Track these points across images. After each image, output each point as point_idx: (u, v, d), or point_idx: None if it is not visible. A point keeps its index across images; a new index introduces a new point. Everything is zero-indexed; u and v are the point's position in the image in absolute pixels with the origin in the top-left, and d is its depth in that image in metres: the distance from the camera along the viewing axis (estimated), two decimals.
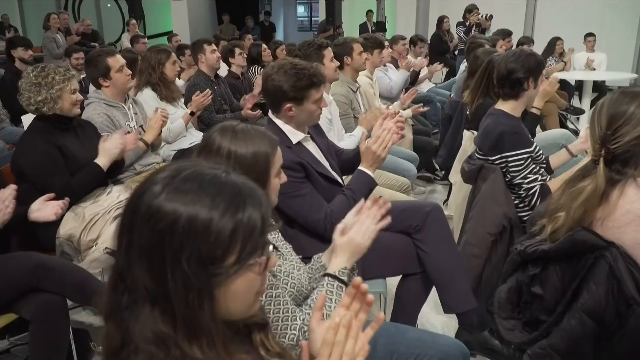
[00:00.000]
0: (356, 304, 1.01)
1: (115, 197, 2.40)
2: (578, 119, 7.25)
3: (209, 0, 11.96)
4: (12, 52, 4.76)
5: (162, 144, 3.58)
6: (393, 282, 2.35)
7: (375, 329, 0.95)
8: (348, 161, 2.33)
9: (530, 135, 2.56)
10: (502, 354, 2.03)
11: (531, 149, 2.40)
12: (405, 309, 2.30)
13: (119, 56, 2.99)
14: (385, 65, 4.92)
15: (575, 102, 7.45)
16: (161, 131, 3.16)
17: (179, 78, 5.24)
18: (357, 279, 1.01)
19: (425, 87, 6.11)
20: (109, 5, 12.44)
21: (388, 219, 1.47)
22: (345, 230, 1.42)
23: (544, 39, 7.62)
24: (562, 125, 6.33)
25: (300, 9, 17.93)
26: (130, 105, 3.04)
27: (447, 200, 4.02)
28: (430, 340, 1.61)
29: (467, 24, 7.55)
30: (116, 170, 2.66)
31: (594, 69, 7.44)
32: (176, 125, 3.54)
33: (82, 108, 2.64)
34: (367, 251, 2.11)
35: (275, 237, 1.51)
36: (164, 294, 0.76)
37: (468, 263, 2.40)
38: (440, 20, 7.98)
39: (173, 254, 0.75)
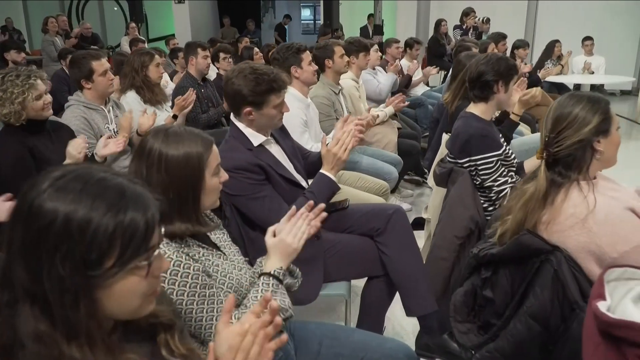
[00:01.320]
0: (267, 316, 1.02)
1: None
2: None
3: (212, 2, 12.02)
4: (5, 54, 4.83)
5: None
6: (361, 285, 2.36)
7: (278, 345, 0.96)
8: (314, 164, 2.34)
9: (502, 139, 2.55)
10: (461, 357, 2.02)
11: (499, 152, 2.40)
12: (371, 312, 2.30)
13: (104, 60, 3.01)
14: (374, 69, 4.93)
15: None
16: (137, 132, 3.18)
17: (172, 80, 5.29)
18: (267, 295, 1.02)
19: (420, 90, 6.10)
20: (115, 8, 12.56)
21: (318, 224, 1.48)
22: (276, 233, 1.43)
23: (545, 41, 7.57)
24: None
25: (306, 12, 18.00)
26: (111, 108, 3.07)
27: None
28: (376, 344, 1.61)
29: (464, 27, 7.54)
30: None
31: (593, 73, 7.39)
32: None
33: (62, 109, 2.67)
34: (329, 254, 2.14)
35: (219, 237, 1.52)
36: (42, 294, 0.77)
37: (436, 266, 2.41)
38: (438, 23, 7.97)
39: (48, 254, 0.76)
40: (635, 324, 0.88)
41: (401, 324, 2.71)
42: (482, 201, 2.45)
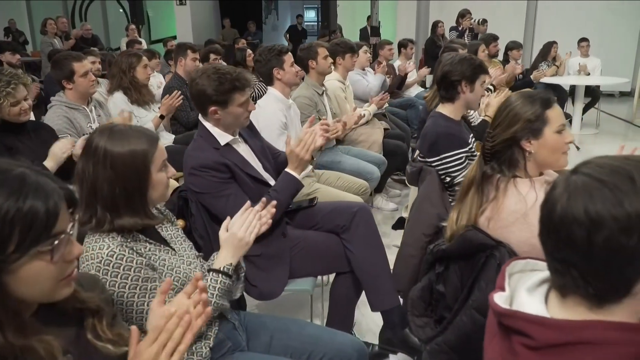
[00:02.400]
0: (196, 295, 1.08)
1: None
2: (570, 122, 7.22)
3: (214, 3, 12.11)
4: None
5: None
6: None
7: (204, 320, 1.02)
8: (283, 163, 2.39)
9: (473, 138, 2.60)
10: (420, 351, 2.07)
11: (466, 149, 2.44)
12: (339, 308, 2.35)
13: (86, 62, 3.09)
14: (364, 69, 4.98)
15: (568, 106, 7.42)
16: None
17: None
18: (198, 274, 1.08)
19: (414, 91, 6.14)
20: (120, 10, 12.70)
21: (269, 221, 1.53)
22: (228, 227, 1.48)
23: (544, 42, 7.57)
24: None
25: (311, 14, 18.07)
26: (93, 107, 3.14)
27: None
28: (327, 338, 1.66)
29: (460, 28, 7.56)
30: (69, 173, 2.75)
31: (589, 74, 7.39)
32: None
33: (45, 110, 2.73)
34: (295, 250, 2.19)
35: (171, 233, 1.58)
36: None
37: (405, 263, 2.45)
38: (435, 24, 8.00)
39: None
40: (518, 313, 0.92)
41: (375, 321, 2.75)
42: (450, 199, 2.49)
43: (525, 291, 0.98)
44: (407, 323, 2.21)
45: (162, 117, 3.71)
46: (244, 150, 2.21)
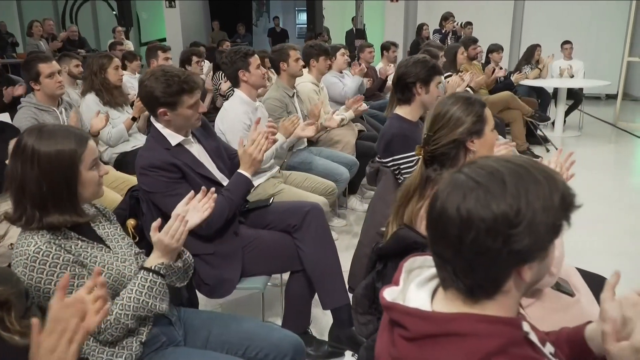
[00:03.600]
0: (98, 290, 1.11)
1: None
2: (553, 124, 7.27)
3: (204, 6, 12.15)
4: None
5: (105, 147, 3.73)
6: None
7: (97, 321, 1.06)
8: (238, 164, 2.43)
9: None
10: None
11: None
12: (294, 306, 2.39)
13: (53, 63, 3.13)
14: (341, 72, 5.02)
15: (551, 109, 7.47)
16: (98, 133, 3.30)
17: None
18: (97, 268, 1.12)
19: None
20: (114, 12, 12.74)
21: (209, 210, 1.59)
22: (157, 229, 1.52)
23: (531, 42, 7.62)
24: (531, 132, 6.37)
25: (303, 16, 18.13)
26: (63, 109, 3.18)
27: None
28: (264, 333, 1.70)
29: (443, 31, 7.62)
30: None
31: (572, 76, 7.45)
32: (117, 130, 3.67)
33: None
34: (248, 249, 2.23)
35: (108, 231, 1.61)
36: None
37: (360, 262, 2.49)
38: (420, 27, 8.06)
39: None
40: (397, 305, 0.96)
41: None
42: None
43: (415, 285, 1.02)
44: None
45: (134, 119, 3.74)
46: (196, 150, 2.25)
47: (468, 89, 5.25)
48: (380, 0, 10.50)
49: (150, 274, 1.49)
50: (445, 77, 5.04)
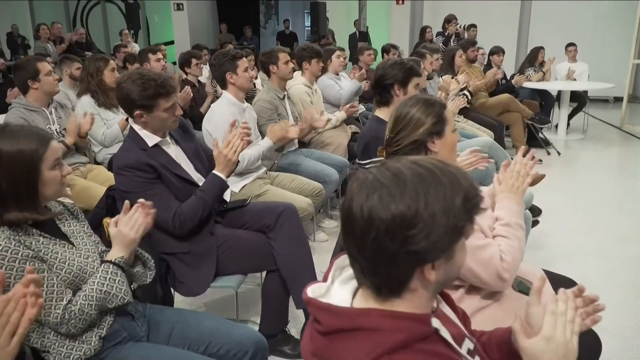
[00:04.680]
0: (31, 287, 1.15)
1: None
2: (556, 127, 7.23)
3: (212, 8, 12.26)
4: None
5: (100, 148, 3.80)
6: None
7: (34, 314, 1.10)
8: None
9: None
10: None
11: None
12: (271, 305, 2.43)
13: (47, 63, 3.22)
14: (337, 74, 5.04)
15: (555, 112, 7.43)
16: (86, 135, 3.38)
17: None
18: (29, 267, 1.17)
19: None
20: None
21: (149, 219, 1.63)
22: (116, 223, 1.56)
23: (538, 42, 7.59)
24: (532, 135, 6.34)
25: None
26: (53, 109, 3.25)
27: None
28: (225, 330, 1.73)
29: (446, 34, 7.61)
30: None
31: (575, 80, 7.39)
32: (112, 131, 3.74)
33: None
34: (223, 248, 2.27)
35: (74, 228, 1.65)
36: None
37: None
38: (423, 30, 8.06)
39: None
40: (312, 300, 0.99)
41: None
42: None
43: (339, 282, 1.05)
44: None
45: (128, 119, 3.80)
46: (173, 151, 2.29)
47: (466, 92, 5.26)
48: (386, 1, 10.52)
49: (111, 266, 1.53)
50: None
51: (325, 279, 1.09)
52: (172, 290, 2.27)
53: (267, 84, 3.77)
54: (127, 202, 1.65)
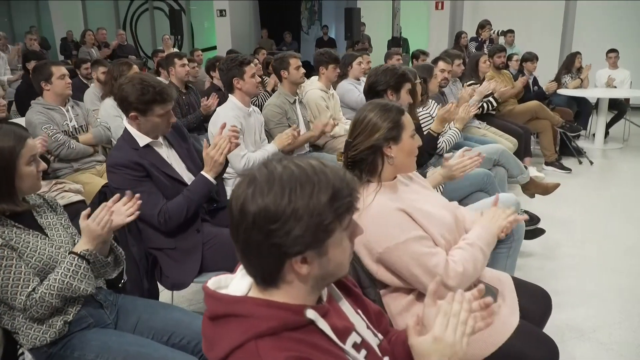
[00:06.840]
0: None
1: None
2: (594, 135, 6.99)
3: (254, 14, 12.50)
4: (26, 64, 5.42)
5: None
6: None
7: None
8: None
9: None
10: None
11: None
12: None
13: (62, 67, 3.45)
14: (358, 79, 5.08)
15: (592, 120, 7.17)
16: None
17: None
18: None
19: None
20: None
21: (133, 216, 1.74)
22: (86, 217, 1.67)
23: (584, 51, 7.33)
24: (564, 143, 6.16)
25: None
26: (70, 107, 3.48)
27: None
28: (188, 321, 1.81)
29: (480, 39, 7.51)
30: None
31: (615, 87, 7.12)
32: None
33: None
34: (208, 246, 2.35)
35: (51, 221, 1.78)
36: None
37: None
38: (458, 35, 7.98)
39: None
40: (204, 287, 1.05)
41: None
42: None
43: (242, 274, 1.11)
44: None
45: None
46: (165, 152, 2.40)
47: (491, 99, 5.18)
48: (425, 7, 10.46)
49: (76, 258, 1.64)
50: (470, 85, 5.00)
51: (234, 271, 1.16)
52: (157, 284, 2.38)
53: (279, 88, 3.87)
54: (117, 195, 1.75)
